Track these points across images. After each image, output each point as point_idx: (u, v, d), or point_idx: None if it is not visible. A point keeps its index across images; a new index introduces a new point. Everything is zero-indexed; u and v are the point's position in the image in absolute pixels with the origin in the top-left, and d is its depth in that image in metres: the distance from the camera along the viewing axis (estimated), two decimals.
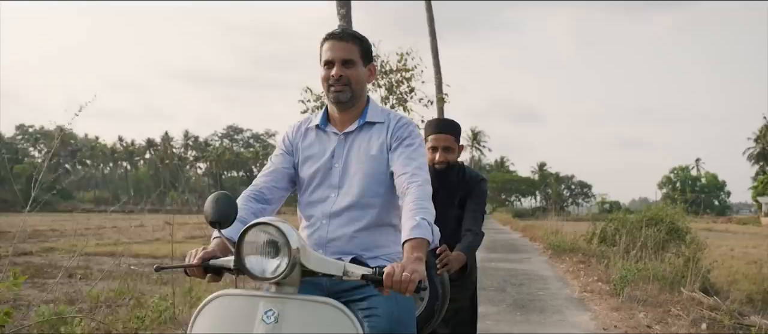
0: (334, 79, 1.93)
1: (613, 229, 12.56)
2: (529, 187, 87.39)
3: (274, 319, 1.47)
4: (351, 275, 1.54)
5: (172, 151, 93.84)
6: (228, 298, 1.56)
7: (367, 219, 1.91)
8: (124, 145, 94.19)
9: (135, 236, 18.79)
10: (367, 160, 1.94)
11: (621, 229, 11.94)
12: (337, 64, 1.93)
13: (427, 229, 1.68)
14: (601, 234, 13.04)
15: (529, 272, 10.22)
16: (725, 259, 16.65)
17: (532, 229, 24.17)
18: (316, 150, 2.02)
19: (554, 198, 76.37)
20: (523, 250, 15.94)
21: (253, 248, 1.50)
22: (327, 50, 1.96)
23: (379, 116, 2.00)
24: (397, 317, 1.71)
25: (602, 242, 12.80)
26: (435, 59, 17.57)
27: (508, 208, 73.54)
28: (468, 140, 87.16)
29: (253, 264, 1.50)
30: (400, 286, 1.49)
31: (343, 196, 1.93)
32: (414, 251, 1.61)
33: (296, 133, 2.08)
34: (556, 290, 7.93)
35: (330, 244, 1.91)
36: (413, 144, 1.93)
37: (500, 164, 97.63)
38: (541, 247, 16.33)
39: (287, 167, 2.04)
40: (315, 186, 1.98)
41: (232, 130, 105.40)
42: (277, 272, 1.48)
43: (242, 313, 1.51)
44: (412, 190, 1.79)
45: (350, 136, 1.99)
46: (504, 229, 30.50)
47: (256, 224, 1.50)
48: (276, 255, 1.49)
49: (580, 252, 12.79)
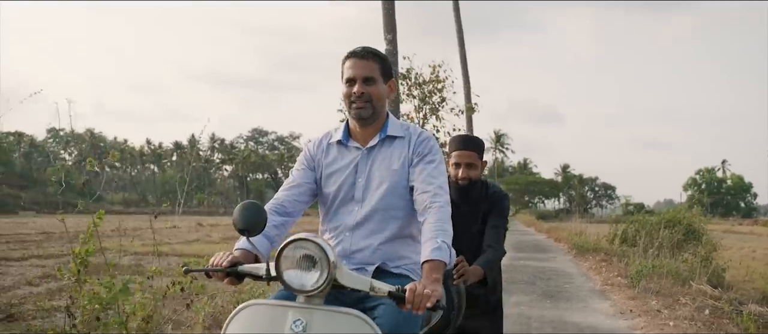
0: (355, 96, 2.00)
1: (633, 230, 13.36)
2: (552, 189, 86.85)
3: (302, 328, 1.55)
4: (377, 291, 1.63)
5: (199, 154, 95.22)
6: (258, 307, 1.64)
7: (389, 231, 1.99)
8: (152, 148, 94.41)
9: (172, 237, 19.73)
10: (389, 174, 2.01)
11: (641, 230, 12.74)
12: (358, 82, 2.00)
13: (446, 251, 1.77)
14: (623, 235, 13.87)
15: (555, 269, 11.19)
16: (746, 260, 17.25)
17: (556, 230, 24.76)
18: (340, 165, 2.07)
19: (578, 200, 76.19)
20: (549, 250, 16.70)
21: (291, 262, 1.58)
22: (348, 68, 2.03)
23: (400, 131, 2.07)
24: (399, 327, 1.74)
25: (623, 243, 13.56)
26: (464, 69, 18.12)
27: (532, 210, 73.29)
28: (491, 142, 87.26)
29: (292, 277, 1.58)
30: (420, 302, 1.58)
31: (365, 209, 2.00)
32: (433, 272, 1.71)
33: (317, 148, 2.14)
34: (580, 283, 8.93)
35: (353, 255, 1.99)
36: (434, 161, 2.00)
37: (523, 166, 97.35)
38: (566, 247, 17.04)
39: (309, 181, 2.10)
40: (339, 200, 2.05)
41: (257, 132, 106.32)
42: (316, 284, 1.57)
43: (272, 321, 1.59)
44: (434, 211, 1.87)
45: (373, 151, 2.05)
46: (528, 231, 31.11)
47: (294, 239, 1.58)
48: (311, 269, 1.57)
49: (603, 252, 13.57)
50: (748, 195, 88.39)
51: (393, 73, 2.11)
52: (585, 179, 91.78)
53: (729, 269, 12.82)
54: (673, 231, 12.05)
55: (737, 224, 59.30)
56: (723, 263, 11.71)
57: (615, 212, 72.75)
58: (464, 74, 18.07)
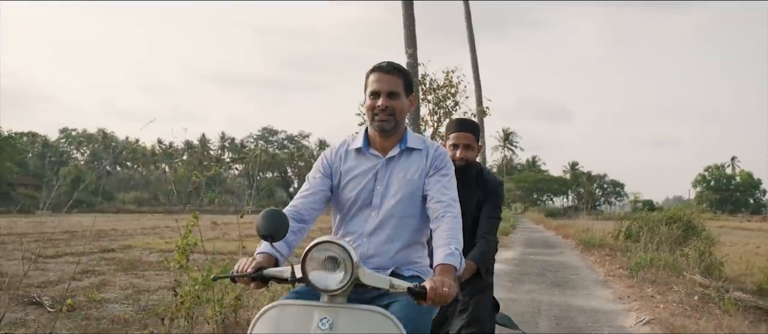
0: (379, 110, 2.08)
1: (637, 227, 14.19)
2: (561, 186, 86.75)
3: (328, 326, 1.61)
4: (397, 288, 1.70)
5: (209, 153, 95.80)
6: (285, 307, 1.70)
7: (403, 238, 2.07)
8: (163, 147, 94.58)
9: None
10: (406, 183, 2.08)
11: (643, 227, 13.57)
12: (383, 96, 2.07)
13: (459, 258, 1.85)
14: (627, 231, 14.71)
15: (563, 262, 12.02)
16: (750, 255, 17.91)
17: (564, 228, 25.44)
18: (359, 171, 2.14)
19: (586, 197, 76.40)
20: (557, 246, 17.42)
21: (316, 263, 1.64)
22: (374, 82, 2.10)
23: (418, 144, 2.15)
24: (413, 322, 1.79)
25: (628, 238, 14.39)
26: (475, 73, 18.85)
27: (541, 207, 73.55)
28: (500, 140, 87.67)
29: (316, 278, 1.64)
30: (440, 299, 1.67)
31: (382, 216, 2.07)
32: (445, 275, 1.78)
33: (335, 156, 2.20)
34: (585, 275, 9.81)
35: (370, 260, 2.05)
36: (448, 175, 2.09)
37: (532, 164, 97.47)
38: (573, 243, 17.76)
39: (324, 189, 2.16)
40: (357, 206, 2.12)
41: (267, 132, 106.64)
42: (341, 284, 1.63)
43: (299, 321, 1.65)
44: (448, 219, 1.95)
45: (392, 161, 2.12)
46: (537, 228, 31.75)
47: (320, 241, 1.65)
48: (335, 269, 1.64)
49: (608, 247, 14.37)
50: (757, 192, 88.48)
51: (413, 87, 2.20)
52: (593, 177, 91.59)
53: (731, 264, 13.57)
54: (673, 228, 12.81)
55: (746, 220, 59.42)
56: (721, 257, 12.45)
57: (624, 209, 72.96)
58: (476, 79, 18.80)
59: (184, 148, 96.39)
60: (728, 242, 24.13)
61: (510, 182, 69.20)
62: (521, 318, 5.73)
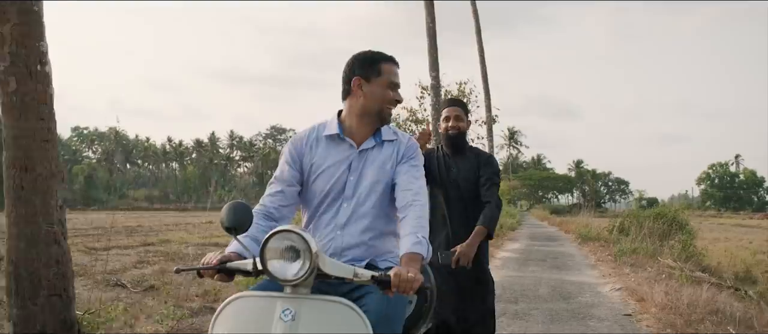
0: (395, 103, 2.11)
1: (628, 223, 16.00)
2: (566, 184, 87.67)
3: (291, 317, 1.59)
4: (361, 277, 1.67)
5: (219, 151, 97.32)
6: (247, 299, 1.68)
7: (376, 228, 2.05)
8: (173, 145, 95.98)
9: (214, 231, 20.17)
10: (379, 174, 2.06)
11: (633, 222, 15.40)
12: (397, 89, 2.09)
13: (425, 246, 1.85)
14: (620, 226, 16.57)
15: (562, 252, 13.90)
16: (738, 249, 19.56)
17: (566, 224, 27.19)
18: (332, 162, 2.08)
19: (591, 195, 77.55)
20: (558, 239, 19.28)
21: (275, 253, 1.61)
22: (395, 74, 2.09)
23: (391, 135, 2.12)
24: (385, 315, 1.78)
25: (621, 232, 16.14)
26: (485, 83, 20.35)
27: (545, 205, 74.64)
28: (505, 139, 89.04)
29: (275, 267, 1.61)
30: (406, 285, 1.64)
31: (354, 207, 2.05)
32: (411, 264, 1.76)
33: (305, 146, 2.13)
34: (579, 260, 11.73)
35: (345, 252, 2.03)
36: (417, 165, 2.08)
37: (537, 162, 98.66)
38: (572, 237, 19.49)
39: (292, 183, 2.10)
40: (330, 198, 2.08)
41: (276, 130, 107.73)
42: (298, 274, 1.59)
43: (261, 312, 1.63)
44: (416, 208, 1.94)
45: (366, 152, 2.09)
46: (542, 224, 33.66)
47: (279, 231, 1.60)
48: (296, 259, 1.60)
49: (602, 240, 16.13)
50: (760, 190, 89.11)
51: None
52: (598, 174, 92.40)
53: (719, 256, 15.25)
54: (659, 223, 14.64)
55: (748, 217, 60.54)
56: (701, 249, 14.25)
57: (629, 207, 73.92)
58: (485, 89, 20.25)
59: (194, 146, 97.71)
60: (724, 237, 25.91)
61: (515, 180, 70.50)
62: (526, 288, 7.57)
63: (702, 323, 4.94)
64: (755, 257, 16.86)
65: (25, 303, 2.98)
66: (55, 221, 3.08)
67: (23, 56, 2.89)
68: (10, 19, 2.83)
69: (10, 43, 2.86)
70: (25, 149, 3.03)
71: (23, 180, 2.97)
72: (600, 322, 5.55)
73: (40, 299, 2.98)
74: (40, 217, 3.02)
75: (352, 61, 2.10)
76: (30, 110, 3.01)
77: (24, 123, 3.02)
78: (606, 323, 5.51)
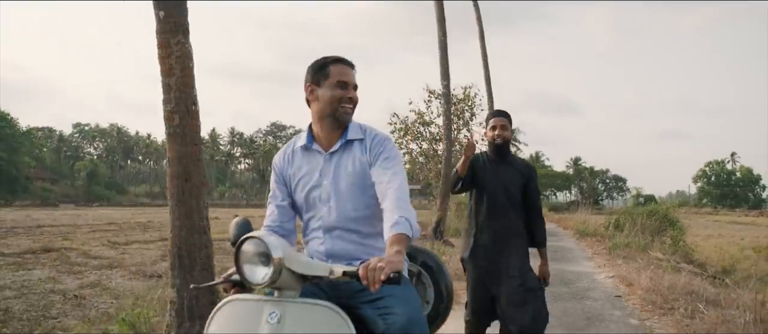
0: (350, 101, 2.07)
1: (623, 220, 17.09)
2: (564, 181, 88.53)
3: (276, 320, 1.65)
4: (335, 274, 1.68)
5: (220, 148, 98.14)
6: (238, 302, 1.75)
7: (362, 229, 2.07)
8: None
9: (222, 226, 22.50)
10: (353, 175, 2.07)
11: (628, 219, 16.51)
12: (350, 88, 2.08)
13: (406, 224, 1.80)
14: (616, 223, 17.76)
15: (562, 246, 14.96)
16: (730, 245, 20.67)
17: (565, 221, 28.51)
18: (305, 170, 2.14)
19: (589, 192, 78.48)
20: (557, 234, 20.27)
21: (247, 258, 1.67)
22: (342, 73, 2.07)
23: (358, 133, 2.11)
24: (415, 318, 1.83)
25: (616, 228, 17.12)
26: (488, 87, 20.97)
27: (544, 202, 74.75)
28: None
29: (248, 272, 1.67)
30: (373, 275, 1.60)
31: (335, 211, 2.07)
32: (393, 246, 1.74)
33: (283, 161, 2.20)
34: (577, 253, 12.91)
35: (335, 255, 2.07)
36: (389, 157, 2.05)
37: (535, 159, 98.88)
38: (571, 233, 20.65)
39: (285, 199, 2.18)
40: (312, 205, 2.12)
41: (276, 127, 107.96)
42: (265, 278, 1.63)
43: (250, 315, 1.70)
44: (390, 192, 1.93)
45: (335, 155, 2.10)
46: None
47: (248, 237, 1.67)
48: (267, 263, 1.64)
49: (599, 235, 17.26)
50: (756, 187, 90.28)
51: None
52: (596, 172, 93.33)
53: (709, 251, 16.33)
54: (651, 220, 15.81)
55: (744, 214, 61.29)
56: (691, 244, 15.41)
57: (626, 204, 74.53)
58: (488, 92, 21.05)
59: None
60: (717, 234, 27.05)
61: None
62: None
63: (677, 301, 6.13)
64: (743, 253, 17.97)
65: (185, 275, 4.16)
66: (204, 217, 4.29)
67: (183, 100, 4.06)
68: (175, 74, 4.01)
69: (175, 90, 4.03)
70: (185, 166, 4.11)
71: (183, 188, 4.16)
72: (595, 301, 6.75)
73: (195, 272, 4.16)
74: (194, 214, 4.20)
75: (306, 71, 2.16)
76: (187, 138, 4.11)
77: (183, 148, 4.11)
78: (600, 302, 6.71)
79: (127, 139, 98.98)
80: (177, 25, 3.97)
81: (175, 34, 3.95)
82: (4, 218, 24.47)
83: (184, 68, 3.96)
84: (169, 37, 3.95)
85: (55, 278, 8.35)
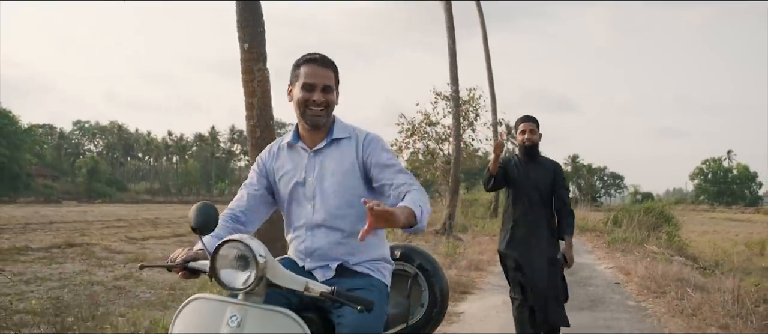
0: (315, 104, 2.01)
1: (621, 216, 17.73)
2: None
3: (236, 323, 1.63)
4: (311, 291, 1.67)
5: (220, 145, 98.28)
6: (203, 301, 1.73)
7: (346, 228, 2.04)
8: (174, 139, 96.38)
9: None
10: (340, 173, 2.05)
11: (625, 216, 17.15)
12: (318, 90, 2.01)
13: (419, 209, 1.76)
14: (614, 219, 18.37)
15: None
16: (723, 241, 21.18)
17: None
18: (290, 167, 2.13)
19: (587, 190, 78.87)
20: None
21: (225, 261, 1.65)
22: (308, 74, 2.02)
23: (345, 132, 2.10)
24: (360, 329, 1.80)
25: (615, 224, 17.79)
26: (491, 89, 21.59)
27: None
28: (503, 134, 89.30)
29: (225, 276, 1.65)
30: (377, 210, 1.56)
31: (320, 208, 2.05)
32: (398, 209, 1.67)
33: (268, 155, 2.19)
34: (577, 247, 13.29)
35: (315, 253, 2.06)
36: (391, 157, 2.05)
37: None
38: None
39: (260, 190, 2.17)
40: (294, 201, 2.11)
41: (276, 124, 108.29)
42: (246, 283, 1.63)
43: (213, 316, 1.68)
44: (414, 191, 1.88)
45: (320, 153, 2.09)
46: None
47: (228, 240, 1.65)
48: (246, 268, 1.63)
49: (598, 231, 17.97)
50: (753, 184, 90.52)
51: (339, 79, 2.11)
52: (594, 169, 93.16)
53: (703, 246, 16.79)
54: (648, 216, 16.39)
55: (740, 212, 61.85)
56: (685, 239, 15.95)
57: (623, 201, 74.69)
58: (491, 94, 21.78)
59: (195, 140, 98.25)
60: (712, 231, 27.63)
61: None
62: None
63: (668, 286, 6.77)
64: (736, 248, 18.16)
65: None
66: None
67: (263, 116, 4.77)
68: (256, 95, 4.73)
69: (256, 108, 4.74)
70: None
71: None
72: (597, 287, 7.40)
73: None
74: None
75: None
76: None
77: None
78: (601, 288, 7.37)
79: (128, 136, 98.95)
80: (259, 55, 4.74)
81: (257, 62, 4.71)
82: (14, 215, 24.72)
83: (264, 91, 4.72)
84: (252, 65, 4.70)
85: (88, 271, 8.82)
